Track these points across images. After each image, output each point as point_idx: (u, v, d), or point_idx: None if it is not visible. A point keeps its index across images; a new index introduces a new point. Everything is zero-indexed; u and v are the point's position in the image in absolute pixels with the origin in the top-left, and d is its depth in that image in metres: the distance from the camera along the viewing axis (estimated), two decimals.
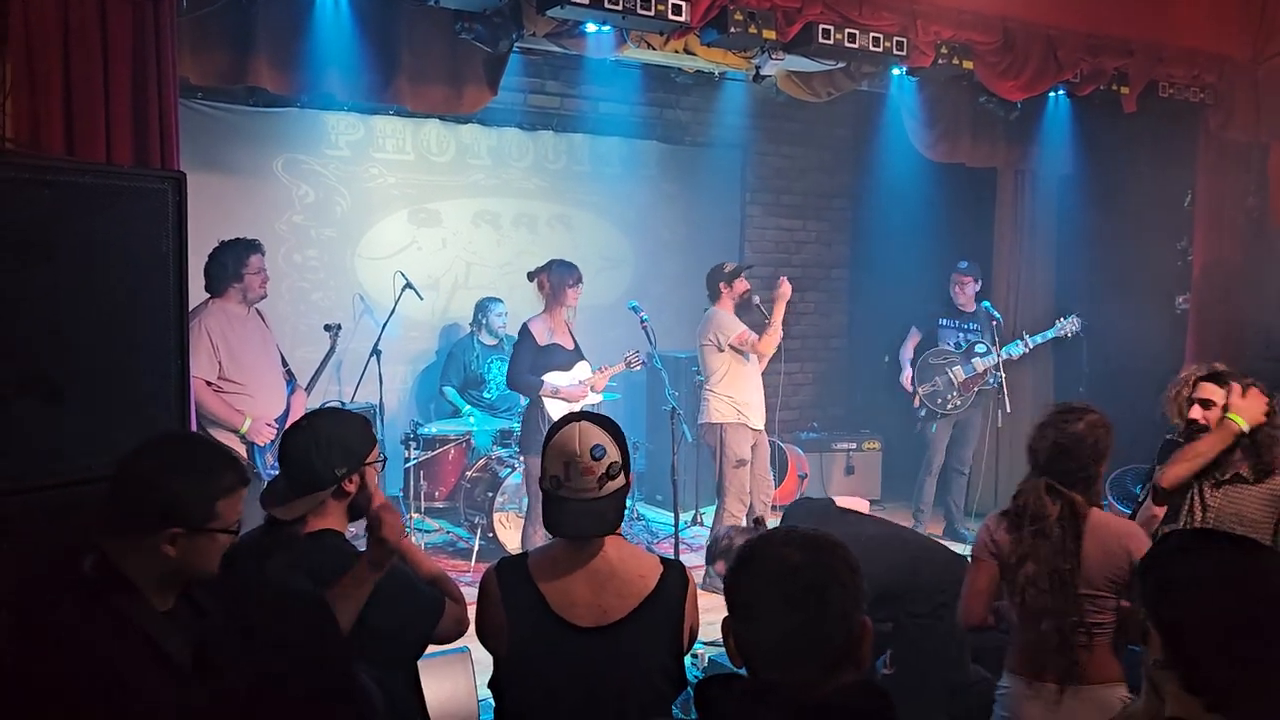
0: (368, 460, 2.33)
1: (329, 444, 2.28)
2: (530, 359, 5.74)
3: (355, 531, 2.31)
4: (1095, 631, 2.79)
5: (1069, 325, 6.67)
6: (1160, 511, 3.44)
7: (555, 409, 5.62)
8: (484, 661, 2.39)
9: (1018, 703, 2.86)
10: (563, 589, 2.26)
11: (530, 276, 5.93)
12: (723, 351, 5.77)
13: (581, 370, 5.97)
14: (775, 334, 5.75)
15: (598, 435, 2.29)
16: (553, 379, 5.76)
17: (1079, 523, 2.80)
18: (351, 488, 2.30)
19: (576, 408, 6.01)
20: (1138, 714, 1.73)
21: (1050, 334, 6.71)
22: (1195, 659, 1.56)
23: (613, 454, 2.28)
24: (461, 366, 6.63)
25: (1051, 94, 6.36)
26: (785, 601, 1.48)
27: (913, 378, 6.74)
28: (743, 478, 5.80)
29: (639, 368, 6.06)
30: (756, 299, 5.97)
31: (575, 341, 5.99)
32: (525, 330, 5.83)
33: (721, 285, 5.88)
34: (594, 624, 2.24)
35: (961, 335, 6.79)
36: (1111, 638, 2.81)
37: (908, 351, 6.89)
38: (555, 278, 5.80)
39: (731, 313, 5.87)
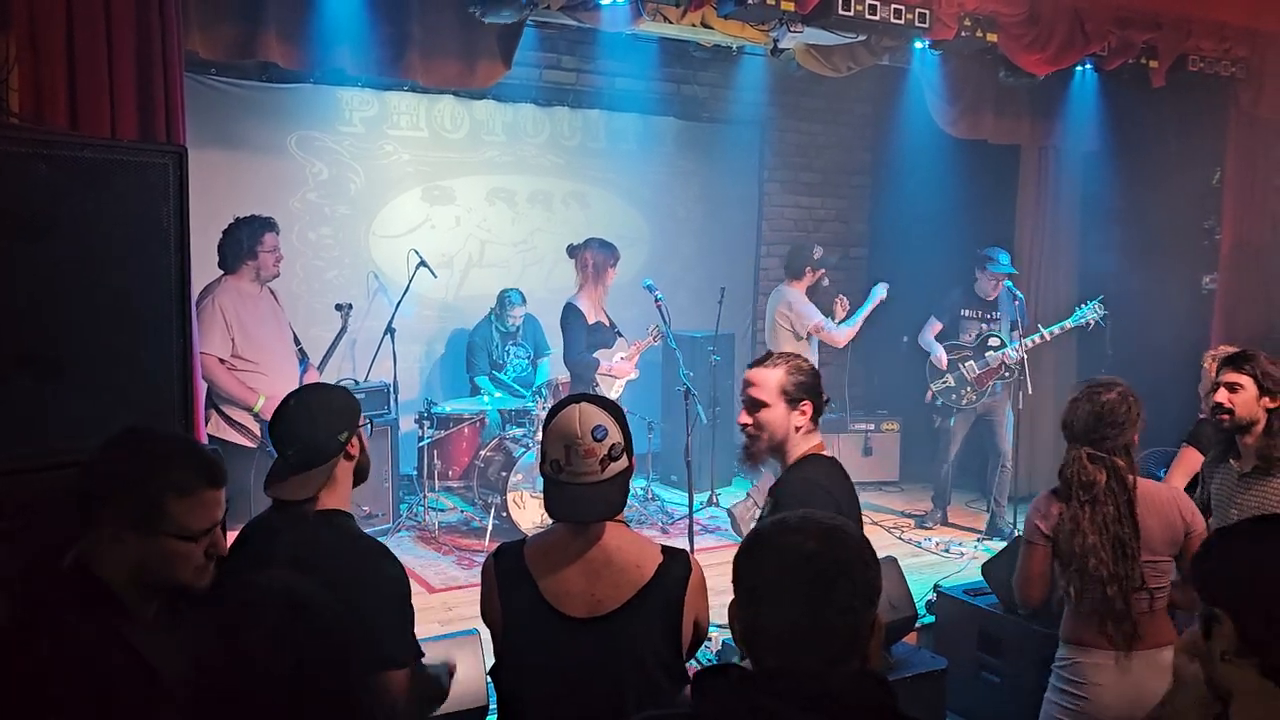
0: (360, 422, 2.34)
1: (322, 412, 2.27)
2: (584, 338, 5.74)
3: (369, 510, 2.29)
4: (1156, 594, 2.86)
5: (1091, 313, 6.13)
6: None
7: (606, 388, 5.65)
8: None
9: (1083, 671, 2.88)
10: (557, 578, 2.19)
11: (570, 252, 5.95)
12: (801, 339, 6.03)
13: (621, 348, 6.04)
14: (853, 330, 6.14)
15: (599, 416, 2.21)
16: (602, 357, 5.84)
17: (1128, 489, 2.87)
18: (355, 450, 2.30)
19: (622, 384, 6.13)
20: (1186, 709, 1.68)
21: (1070, 322, 6.19)
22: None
23: (615, 435, 2.20)
24: (486, 355, 6.57)
25: (1078, 68, 6.22)
26: (791, 591, 1.43)
27: (947, 361, 6.34)
28: None
29: (657, 342, 6.16)
30: (826, 280, 6.34)
31: (610, 319, 6.01)
32: (574, 309, 5.79)
33: (807, 269, 6.17)
34: (587, 614, 2.17)
35: (983, 327, 6.36)
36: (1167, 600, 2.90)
37: (929, 335, 6.51)
38: (598, 256, 5.83)
39: (804, 294, 6.15)
